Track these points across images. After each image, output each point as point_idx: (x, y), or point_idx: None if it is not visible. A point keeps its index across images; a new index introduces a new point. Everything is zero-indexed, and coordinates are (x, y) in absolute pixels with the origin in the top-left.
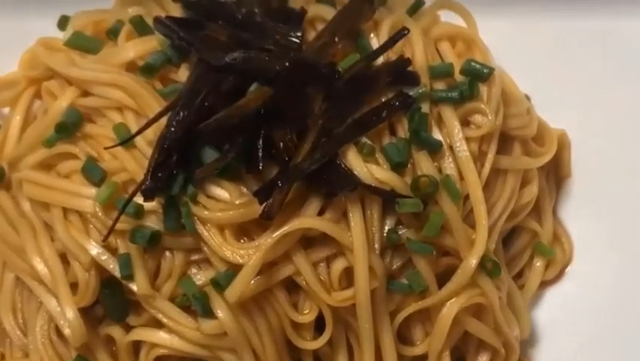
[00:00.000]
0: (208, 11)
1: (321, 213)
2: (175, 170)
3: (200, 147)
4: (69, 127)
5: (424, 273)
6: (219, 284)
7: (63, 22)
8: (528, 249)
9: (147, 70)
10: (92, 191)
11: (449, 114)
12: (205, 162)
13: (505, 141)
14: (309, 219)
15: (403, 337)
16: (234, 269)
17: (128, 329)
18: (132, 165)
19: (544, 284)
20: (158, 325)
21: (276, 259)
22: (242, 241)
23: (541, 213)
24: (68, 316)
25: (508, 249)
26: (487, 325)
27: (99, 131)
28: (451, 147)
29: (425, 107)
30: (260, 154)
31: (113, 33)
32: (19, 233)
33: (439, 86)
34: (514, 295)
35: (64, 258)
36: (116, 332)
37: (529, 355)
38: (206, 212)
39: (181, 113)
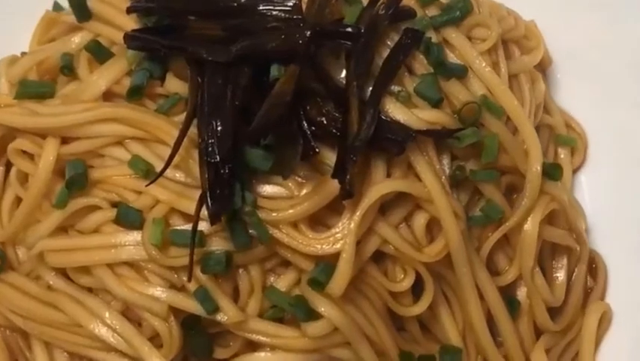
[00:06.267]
0: (176, 11)
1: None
2: (231, 182)
3: (241, 149)
4: (80, 179)
5: (496, 199)
6: (318, 282)
7: None
8: (550, 144)
9: (135, 92)
10: (134, 236)
11: (455, 36)
12: (253, 164)
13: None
14: (384, 184)
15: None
16: (323, 262)
17: None
18: (164, 195)
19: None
20: (252, 348)
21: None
22: (317, 230)
23: (547, 107)
24: None
25: None
26: (560, 228)
27: (110, 173)
28: (470, 68)
29: (434, 36)
30: (309, 136)
31: (67, 68)
32: (60, 309)
33: (433, 12)
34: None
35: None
36: None
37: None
38: (274, 214)
39: (213, 123)
